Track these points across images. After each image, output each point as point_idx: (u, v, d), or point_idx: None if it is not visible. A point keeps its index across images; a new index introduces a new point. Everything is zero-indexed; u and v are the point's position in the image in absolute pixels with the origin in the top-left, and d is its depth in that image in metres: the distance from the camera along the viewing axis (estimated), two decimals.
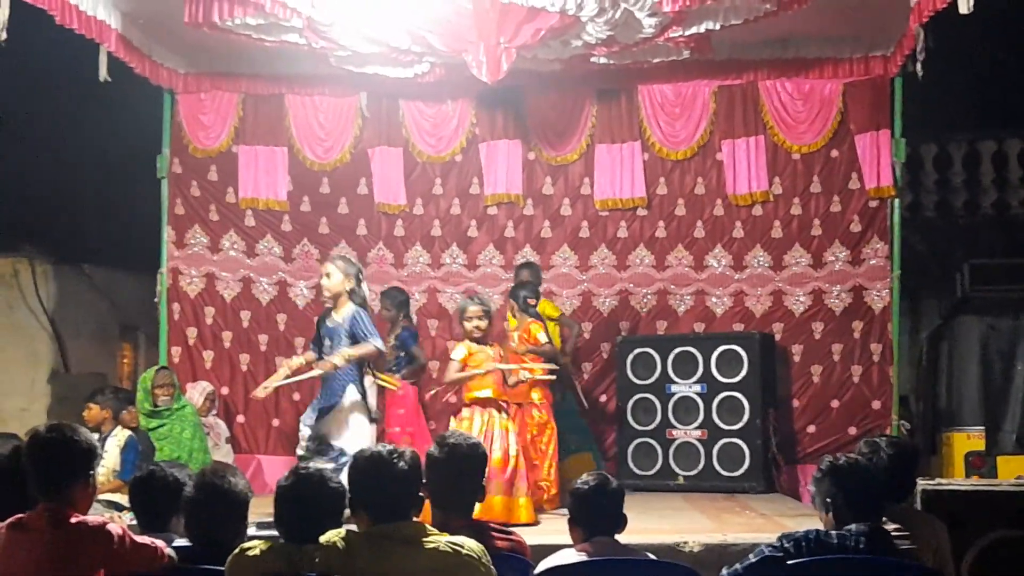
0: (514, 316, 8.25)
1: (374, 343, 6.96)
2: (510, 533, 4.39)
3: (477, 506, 4.43)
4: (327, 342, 7.10)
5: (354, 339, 6.94)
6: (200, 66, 9.96)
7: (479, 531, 4.12)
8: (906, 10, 8.01)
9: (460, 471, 4.20)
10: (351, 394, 6.97)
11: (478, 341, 7.31)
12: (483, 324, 7.30)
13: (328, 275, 7.10)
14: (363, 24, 8.48)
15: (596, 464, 8.95)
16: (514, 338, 8.08)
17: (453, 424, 7.23)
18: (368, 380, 7.36)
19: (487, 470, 4.47)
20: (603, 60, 9.11)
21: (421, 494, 3.88)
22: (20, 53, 8.57)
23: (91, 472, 3.93)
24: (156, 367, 9.05)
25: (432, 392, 9.23)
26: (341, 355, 6.89)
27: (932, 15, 7.59)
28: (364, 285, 7.29)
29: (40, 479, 3.85)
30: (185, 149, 10.08)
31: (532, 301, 8.31)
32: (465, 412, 7.28)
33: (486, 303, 7.52)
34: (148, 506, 4.31)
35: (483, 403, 7.25)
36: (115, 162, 11.33)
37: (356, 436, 6.84)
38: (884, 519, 4.27)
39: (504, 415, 7.29)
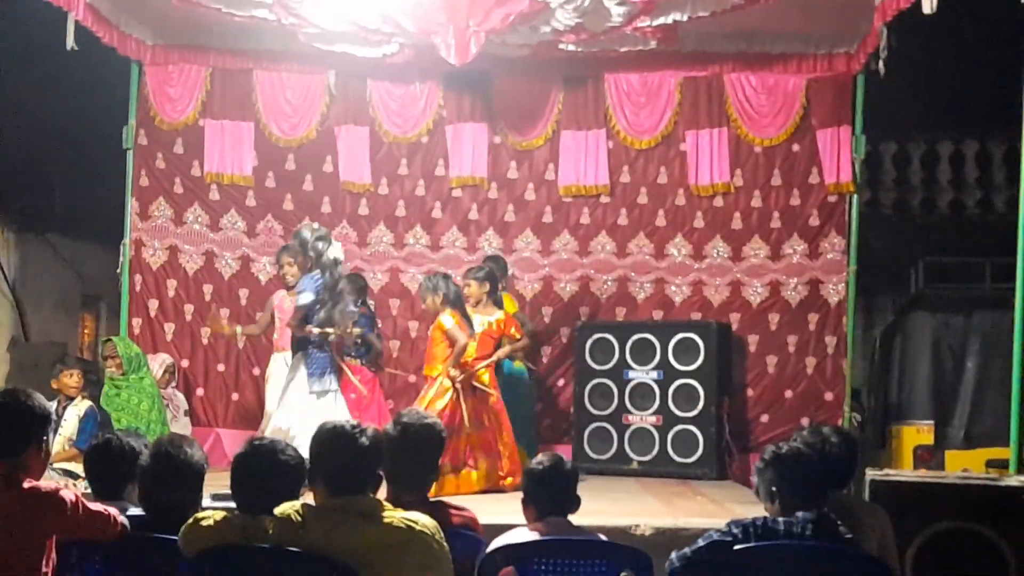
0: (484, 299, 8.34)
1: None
2: (463, 509, 4.47)
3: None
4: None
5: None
6: (168, 38, 9.92)
7: (433, 507, 4.18)
8: (870, 9, 8.13)
9: (415, 449, 4.27)
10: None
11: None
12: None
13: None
14: (333, 2, 8.49)
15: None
16: (484, 324, 8.17)
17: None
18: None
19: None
20: (571, 47, 9.17)
21: (380, 472, 3.92)
22: None
23: (44, 438, 3.92)
24: (104, 339, 9.03)
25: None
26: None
27: (896, 15, 7.71)
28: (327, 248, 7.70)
29: None
30: (151, 121, 10.03)
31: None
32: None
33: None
34: (103, 474, 4.32)
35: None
36: (81, 132, 11.24)
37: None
38: (827, 508, 4.34)
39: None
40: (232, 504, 3.77)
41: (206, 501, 4.25)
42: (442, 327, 7.72)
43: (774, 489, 4.31)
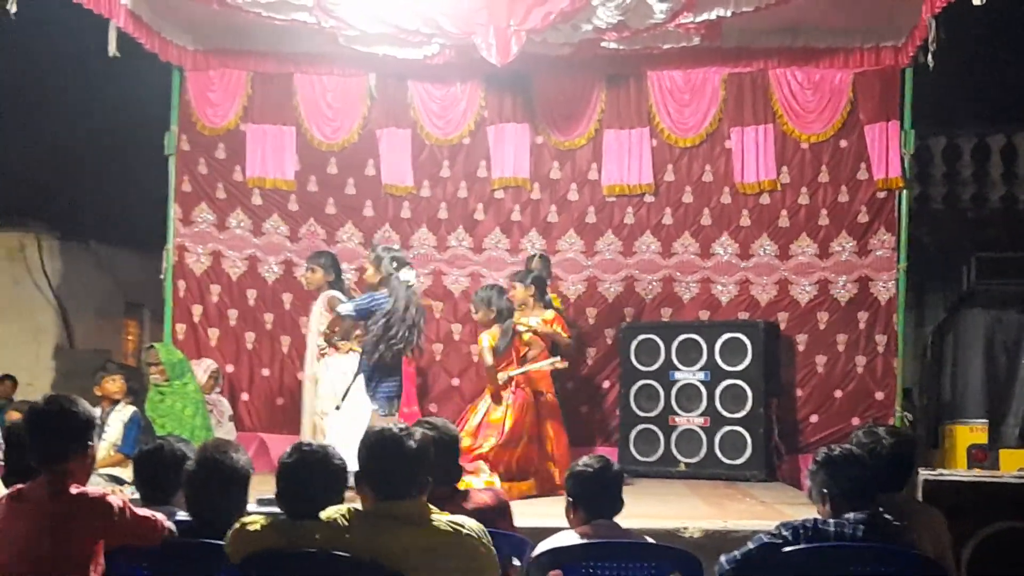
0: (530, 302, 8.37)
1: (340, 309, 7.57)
2: (485, 490, 4.50)
3: None
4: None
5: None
6: (209, 43, 9.95)
7: (461, 495, 4.31)
8: (918, 1, 7.99)
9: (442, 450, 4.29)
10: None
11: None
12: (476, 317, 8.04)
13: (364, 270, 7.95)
14: (372, 4, 8.48)
15: None
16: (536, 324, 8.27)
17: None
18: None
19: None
20: (613, 45, 9.10)
21: (428, 477, 3.87)
22: (31, 28, 8.59)
23: (89, 443, 3.93)
24: (147, 345, 9.05)
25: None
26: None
27: (944, 6, 7.58)
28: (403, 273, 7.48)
29: (39, 450, 3.85)
30: (193, 127, 10.07)
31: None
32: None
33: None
34: (152, 479, 4.32)
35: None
36: (123, 139, 11.34)
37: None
38: (881, 509, 4.27)
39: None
40: (277, 509, 3.74)
41: (252, 506, 4.23)
42: (479, 343, 7.84)
43: (825, 491, 4.26)
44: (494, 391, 7.82)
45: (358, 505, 3.72)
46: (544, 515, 5.44)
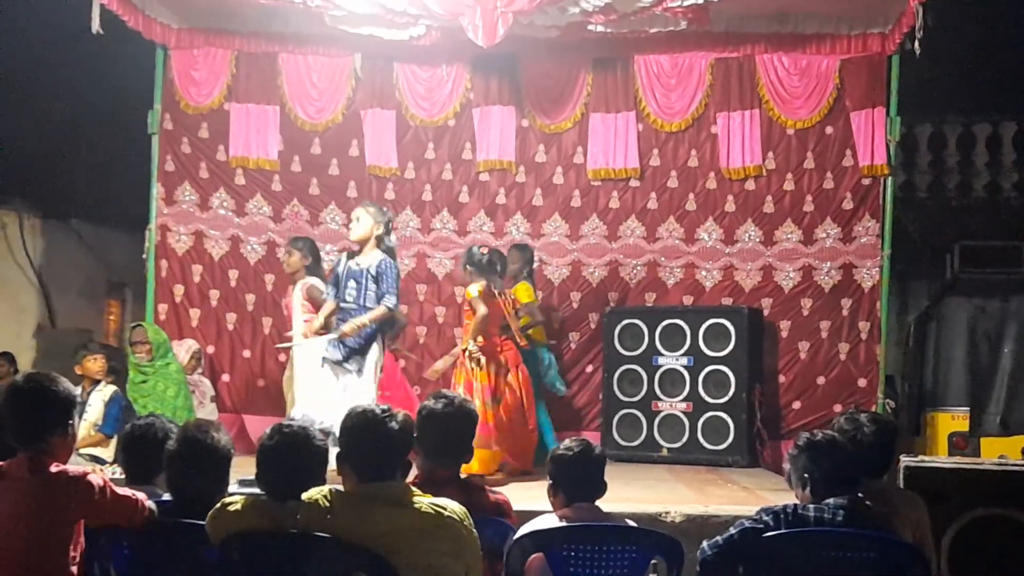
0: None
1: (387, 303, 6.97)
2: (497, 492, 4.46)
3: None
4: (351, 284, 7.09)
5: (379, 284, 6.98)
6: (194, 21, 9.88)
7: (467, 485, 4.25)
8: None
9: (454, 428, 4.31)
10: (372, 352, 7.03)
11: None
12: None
13: (358, 219, 7.17)
14: None
15: None
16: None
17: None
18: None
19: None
20: (600, 28, 9.05)
21: (409, 458, 3.86)
22: (13, 5, 8.54)
23: (70, 422, 3.91)
24: (133, 324, 9.02)
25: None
26: (352, 325, 6.89)
27: None
28: (393, 235, 7.33)
29: (19, 428, 3.83)
30: (177, 105, 9.99)
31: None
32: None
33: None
34: (139, 458, 4.31)
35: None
36: (107, 118, 11.25)
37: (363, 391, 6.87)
38: (862, 495, 4.28)
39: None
40: (258, 490, 3.72)
41: (233, 487, 4.21)
42: (468, 295, 7.59)
43: (806, 476, 4.28)
44: (472, 343, 7.50)
45: (340, 486, 3.71)
46: (526, 498, 5.42)
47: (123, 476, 4.41)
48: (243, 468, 4.53)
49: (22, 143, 11.37)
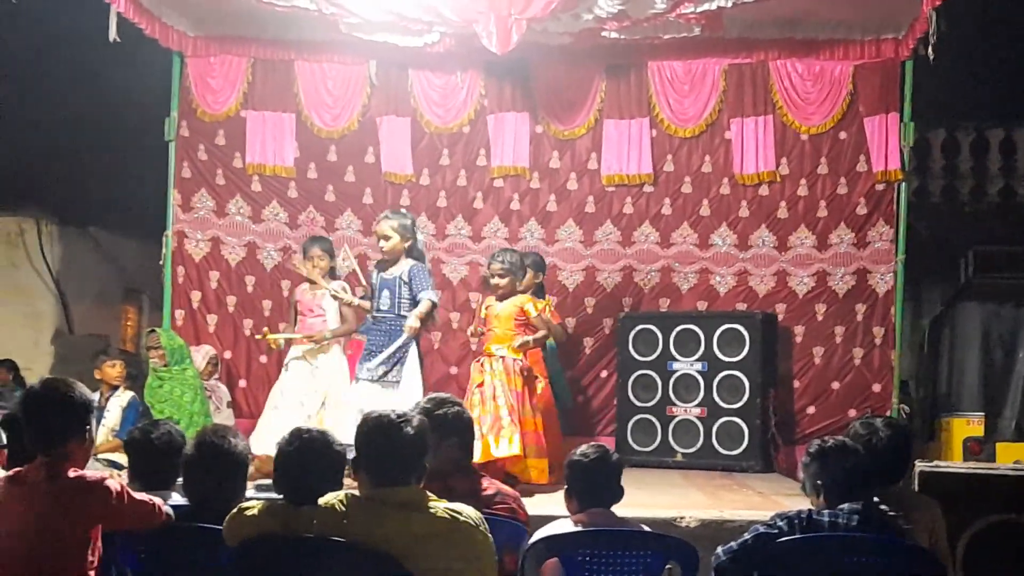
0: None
1: (429, 297, 7.21)
2: (507, 490, 4.53)
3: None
4: (384, 293, 7.33)
5: (412, 287, 7.25)
6: (210, 29, 9.93)
7: (476, 475, 4.39)
8: None
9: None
10: (413, 349, 7.26)
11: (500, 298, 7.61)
12: (501, 282, 7.54)
13: (387, 237, 7.33)
14: None
15: None
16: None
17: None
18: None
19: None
20: (613, 35, 9.08)
21: (425, 463, 3.86)
22: (31, 12, 8.60)
23: (87, 427, 3.92)
24: (148, 329, 9.05)
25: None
26: (416, 317, 7.14)
27: None
28: (419, 235, 7.54)
29: (37, 433, 3.84)
30: (193, 113, 10.04)
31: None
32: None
33: (506, 261, 7.65)
34: (150, 463, 4.33)
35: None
36: (123, 125, 11.31)
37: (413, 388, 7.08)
38: (877, 500, 4.28)
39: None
40: (275, 495, 3.74)
41: (250, 492, 4.23)
42: (528, 314, 7.56)
43: (819, 482, 4.28)
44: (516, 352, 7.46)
45: (356, 491, 3.73)
46: (541, 504, 5.44)
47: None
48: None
49: (40, 150, 11.44)
